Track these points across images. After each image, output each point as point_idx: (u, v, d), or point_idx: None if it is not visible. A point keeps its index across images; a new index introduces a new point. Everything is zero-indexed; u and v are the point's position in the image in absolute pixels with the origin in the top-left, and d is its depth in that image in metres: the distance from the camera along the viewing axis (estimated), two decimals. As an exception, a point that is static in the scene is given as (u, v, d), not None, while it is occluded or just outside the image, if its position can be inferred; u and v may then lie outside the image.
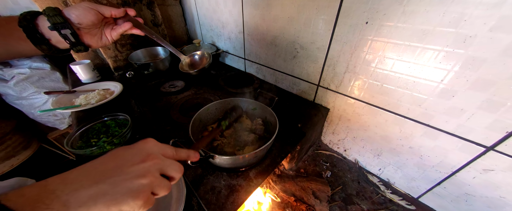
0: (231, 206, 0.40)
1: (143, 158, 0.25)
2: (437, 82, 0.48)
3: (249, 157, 0.44)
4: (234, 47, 1.09)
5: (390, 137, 0.64)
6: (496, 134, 0.44)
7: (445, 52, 0.44)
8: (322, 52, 0.68)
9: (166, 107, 0.75)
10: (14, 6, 1.10)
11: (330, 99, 0.76)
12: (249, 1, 0.82)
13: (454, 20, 0.40)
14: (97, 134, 0.57)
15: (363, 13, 0.52)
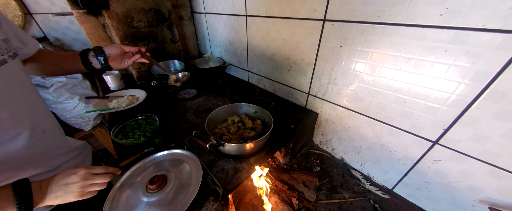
0: (236, 181, 0.55)
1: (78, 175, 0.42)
2: (393, 92, 0.63)
3: (249, 146, 0.59)
4: (239, 61, 1.27)
5: (365, 136, 0.78)
6: (437, 131, 0.58)
7: (397, 69, 0.59)
8: (310, 67, 0.84)
9: (183, 110, 0.92)
10: (51, 6, 1.32)
11: (318, 105, 0.91)
12: (252, 26, 1.01)
13: (397, 46, 0.57)
14: (131, 130, 0.73)
15: (338, 39, 0.69)
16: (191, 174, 0.57)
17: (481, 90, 0.47)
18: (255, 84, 1.24)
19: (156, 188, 0.51)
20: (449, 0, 0.45)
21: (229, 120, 0.78)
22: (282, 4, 0.81)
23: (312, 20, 0.73)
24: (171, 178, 0.55)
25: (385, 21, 0.56)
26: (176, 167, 0.59)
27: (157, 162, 0.62)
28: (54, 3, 1.35)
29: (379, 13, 0.56)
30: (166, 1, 1.18)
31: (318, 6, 0.69)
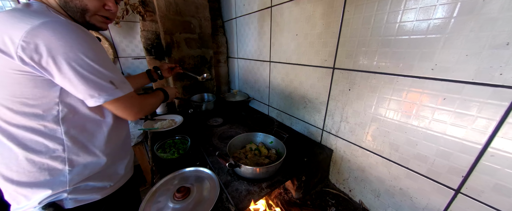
0: (247, 202, 0.60)
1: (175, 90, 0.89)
2: (403, 133, 0.66)
3: (262, 170, 0.66)
4: (261, 96, 1.46)
5: (382, 178, 0.76)
6: (456, 178, 0.56)
7: (403, 112, 0.65)
8: (323, 105, 0.94)
9: (210, 135, 1.07)
10: (131, 52, 1.81)
11: (332, 142, 0.95)
12: (274, 69, 1.22)
13: (399, 92, 0.64)
14: (169, 146, 0.89)
15: (346, 83, 0.80)
16: (210, 191, 0.65)
17: (489, 137, 0.49)
18: (274, 118, 1.36)
19: (181, 197, 0.61)
20: (435, 59, 0.54)
21: (247, 147, 0.88)
22: (299, 55, 1.00)
23: (324, 68, 0.88)
24: (194, 191, 0.65)
25: (385, 72, 0.66)
26: (199, 183, 0.69)
27: (184, 176, 0.73)
28: (134, 50, 1.89)
29: (379, 65, 0.67)
30: (210, 50, 1.54)
31: (328, 57, 0.85)
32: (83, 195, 0.54)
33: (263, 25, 1.23)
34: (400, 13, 0.59)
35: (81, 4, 0.48)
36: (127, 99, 0.53)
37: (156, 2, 1.21)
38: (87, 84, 0.45)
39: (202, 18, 1.42)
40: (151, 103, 0.67)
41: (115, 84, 0.49)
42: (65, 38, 0.41)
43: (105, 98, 0.48)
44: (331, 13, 0.79)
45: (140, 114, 0.58)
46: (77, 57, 0.43)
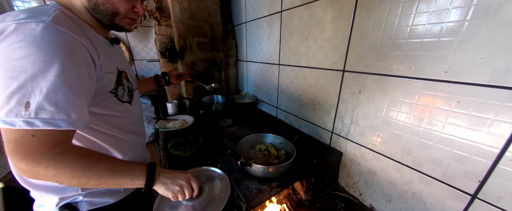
0: (258, 199, 0.61)
1: (183, 179, 0.54)
2: (416, 136, 0.65)
3: (272, 170, 0.67)
4: (270, 99, 1.48)
5: (394, 182, 0.75)
6: (473, 183, 0.55)
7: (415, 115, 0.64)
8: (333, 108, 0.94)
9: (220, 135, 1.09)
10: (146, 55, 1.89)
11: (342, 144, 0.95)
12: (283, 72, 1.24)
13: (411, 95, 0.64)
14: (181, 145, 0.93)
15: (357, 86, 0.81)
16: (221, 190, 0.67)
17: (506, 140, 0.48)
18: (283, 120, 1.37)
19: (194, 195, 0.62)
20: (449, 61, 0.54)
21: (256, 147, 0.90)
22: (308, 58, 1.02)
23: (333, 70, 0.89)
24: (206, 190, 0.66)
25: (397, 74, 0.66)
26: (210, 182, 0.71)
27: (196, 174, 0.75)
28: (148, 53, 1.98)
29: (390, 68, 0.68)
30: (220, 53, 1.59)
31: (338, 60, 0.86)
32: (98, 199, 0.55)
33: (272, 29, 1.26)
34: (412, 17, 0.59)
35: (113, 8, 0.48)
36: (24, 140, 0.35)
37: (172, 8, 1.28)
38: (3, 95, 0.34)
39: (214, 22, 1.48)
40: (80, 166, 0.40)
41: (30, 108, 0.34)
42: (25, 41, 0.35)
43: (2, 121, 0.34)
44: (341, 17, 0.80)
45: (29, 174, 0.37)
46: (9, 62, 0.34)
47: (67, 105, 0.38)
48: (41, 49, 0.35)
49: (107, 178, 0.43)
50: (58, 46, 0.37)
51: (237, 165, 0.80)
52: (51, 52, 0.36)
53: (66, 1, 0.47)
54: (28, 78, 0.35)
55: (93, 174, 0.41)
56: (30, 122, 0.35)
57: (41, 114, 0.36)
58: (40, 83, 0.35)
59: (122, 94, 0.55)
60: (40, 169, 0.37)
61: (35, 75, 0.35)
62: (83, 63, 0.42)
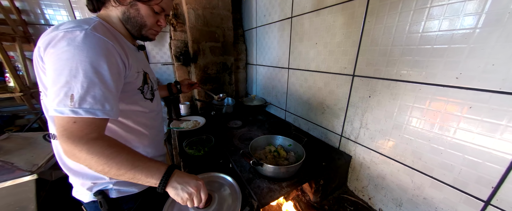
0: (269, 198, 0.64)
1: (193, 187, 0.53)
2: (427, 141, 0.66)
3: (283, 170, 0.70)
4: (278, 102, 1.51)
5: (404, 186, 0.75)
6: (486, 189, 0.55)
7: (426, 120, 0.65)
8: (342, 111, 0.96)
9: (230, 136, 1.14)
10: (160, 59, 1.99)
11: (351, 148, 0.96)
12: (293, 76, 1.27)
13: (422, 100, 0.65)
14: (195, 144, 0.98)
15: (367, 91, 0.82)
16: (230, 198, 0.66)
17: (520, 147, 0.48)
18: (291, 123, 1.39)
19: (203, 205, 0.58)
20: (460, 68, 0.55)
21: (266, 148, 0.93)
22: (318, 62, 1.04)
23: (343, 75, 0.91)
24: (215, 199, 0.64)
25: (407, 79, 0.68)
26: (220, 191, 0.69)
27: (209, 181, 0.74)
28: (162, 57, 2.08)
29: (400, 73, 0.69)
30: (231, 57, 1.65)
31: (347, 65, 0.88)
32: (125, 188, 0.63)
33: (283, 34, 1.30)
34: (422, 24, 0.61)
35: (141, 21, 0.57)
36: (69, 125, 0.42)
37: (187, 15, 1.35)
38: (51, 87, 0.43)
39: (226, 28, 1.54)
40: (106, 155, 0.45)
41: (74, 100, 0.42)
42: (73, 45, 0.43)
43: (52, 109, 0.42)
44: (351, 24, 0.83)
45: (72, 155, 0.44)
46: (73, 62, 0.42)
47: (102, 98, 0.45)
48: (82, 51, 0.43)
49: (126, 170, 0.46)
50: (95, 49, 0.45)
51: (248, 165, 0.84)
52: (90, 54, 0.44)
53: (105, 15, 0.57)
54: (73, 75, 0.42)
55: (114, 164, 0.45)
56: (75, 111, 0.43)
57: (83, 105, 0.43)
58: (82, 79, 0.43)
59: (146, 92, 0.64)
60: (76, 151, 0.43)
61: (78, 73, 0.43)
62: (115, 64, 0.49)
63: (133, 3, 0.55)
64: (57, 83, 0.42)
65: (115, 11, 0.56)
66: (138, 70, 0.60)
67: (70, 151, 0.44)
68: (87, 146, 0.44)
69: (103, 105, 0.45)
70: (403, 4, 0.64)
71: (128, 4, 0.55)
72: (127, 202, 0.65)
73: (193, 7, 1.35)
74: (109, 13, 0.57)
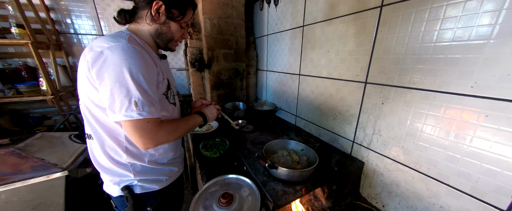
0: (284, 200, 0.66)
1: (215, 111, 0.85)
2: (442, 149, 0.66)
3: (297, 174, 0.72)
4: (289, 107, 1.53)
5: (420, 194, 0.75)
6: (505, 198, 0.54)
7: (441, 128, 0.66)
8: (354, 118, 0.97)
9: (243, 140, 1.17)
10: (175, 64, 2.09)
11: (364, 154, 0.96)
12: (304, 82, 1.30)
13: (436, 108, 0.66)
14: (210, 147, 1.03)
15: (380, 98, 0.84)
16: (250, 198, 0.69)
17: (540, 157, 0.48)
18: (302, 128, 1.41)
19: (225, 203, 0.66)
20: (475, 77, 0.56)
21: (279, 152, 0.95)
22: (329, 69, 1.07)
23: (355, 82, 0.93)
24: (236, 198, 0.68)
25: (421, 87, 0.69)
26: (240, 192, 0.73)
27: (226, 182, 0.79)
28: (177, 62, 2.20)
29: (414, 81, 0.71)
30: (243, 63, 1.71)
31: (360, 73, 0.90)
32: (147, 185, 0.68)
33: (294, 42, 1.34)
34: (436, 34, 0.63)
35: (171, 36, 0.67)
36: (141, 125, 0.53)
37: (204, 24, 1.44)
38: (112, 97, 0.51)
39: (239, 36, 1.61)
40: (173, 131, 0.61)
41: (138, 105, 0.52)
42: (118, 56, 0.51)
43: (122, 115, 0.51)
44: (363, 33, 0.86)
45: (149, 144, 0.56)
46: (121, 72, 0.51)
47: (154, 101, 0.56)
48: (125, 64, 0.51)
49: (186, 129, 0.68)
50: (138, 61, 0.53)
51: (262, 168, 0.87)
52: (135, 65, 0.52)
53: (135, 28, 0.64)
54: (130, 85, 0.52)
55: (180, 130, 0.65)
56: (141, 113, 0.53)
57: (144, 108, 0.53)
58: (137, 88, 0.52)
59: (170, 97, 0.70)
60: (159, 137, 0.57)
61: (133, 83, 0.52)
62: (152, 72, 0.58)
63: (166, 22, 0.63)
64: (121, 93, 0.51)
65: (147, 27, 0.64)
66: (164, 76, 0.67)
67: (155, 141, 0.56)
68: (163, 130, 0.58)
69: (155, 107, 0.56)
70: (416, 15, 0.67)
71: (163, 22, 0.63)
72: (149, 198, 0.70)
73: (209, 16, 1.43)
74: (140, 27, 0.64)
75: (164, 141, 0.59)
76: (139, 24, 0.64)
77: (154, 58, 0.63)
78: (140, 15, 0.63)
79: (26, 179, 0.90)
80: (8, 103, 1.51)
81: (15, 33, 1.32)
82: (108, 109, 0.53)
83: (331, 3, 1.00)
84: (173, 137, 0.62)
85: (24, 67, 1.58)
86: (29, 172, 0.92)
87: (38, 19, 1.50)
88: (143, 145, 0.56)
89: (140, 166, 0.67)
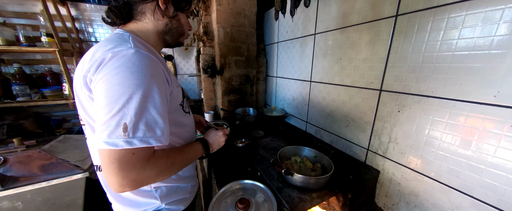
0: (301, 207, 0.66)
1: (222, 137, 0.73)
2: (465, 159, 0.65)
3: (313, 181, 0.72)
4: (299, 113, 1.54)
5: (441, 205, 0.72)
6: (537, 212, 0.52)
7: (463, 138, 0.65)
8: (369, 125, 0.97)
9: (255, 145, 1.19)
10: (187, 70, 2.16)
11: (379, 162, 0.95)
12: (315, 88, 1.31)
13: (456, 117, 0.65)
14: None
15: (395, 105, 0.83)
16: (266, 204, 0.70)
17: None
18: (313, 134, 1.41)
19: (243, 208, 0.66)
20: (497, 86, 0.56)
21: (292, 159, 0.96)
22: (342, 77, 1.08)
23: (369, 89, 0.93)
24: (253, 203, 0.69)
25: (439, 96, 0.69)
26: (254, 196, 0.73)
27: (241, 187, 0.80)
28: (188, 69, 2.27)
29: (432, 90, 0.70)
30: (253, 69, 1.75)
31: (374, 80, 0.91)
32: (174, 207, 0.64)
33: (305, 49, 1.37)
34: (455, 43, 0.63)
35: (182, 30, 0.60)
36: (121, 156, 0.38)
37: (217, 32, 1.50)
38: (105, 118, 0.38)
39: (250, 43, 1.66)
40: (165, 169, 0.46)
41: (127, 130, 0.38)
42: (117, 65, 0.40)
43: (101, 143, 0.37)
44: (377, 41, 0.87)
45: (127, 187, 0.40)
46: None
47: (153, 123, 0.41)
48: (132, 73, 0.40)
49: (183, 165, 0.54)
50: (145, 69, 0.41)
51: (276, 174, 0.87)
52: (140, 75, 0.40)
53: (136, 28, 0.53)
54: (125, 101, 0.38)
55: (175, 168, 0.50)
56: (129, 141, 0.38)
57: (136, 133, 0.39)
58: (134, 105, 0.39)
59: (185, 106, 0.64)
60: (144, 179, 0.41)
61: (130, 98, 0.38)
62: (162, 82, 0.46)
63: (175, 14, 0.55)
64: (109, 111, 0.38)
65: (153, 24, 0.53)
66: (177, 84, 0.59)
67: (136, 183, 0.40)
68: (151, 168, 0.42)
69: (155, 132, 0.41)
70: (433, 24, 0.68)
71: (173, 16, 0.54)
72: None
73: (223, 25, 1.49)
74: (143, 26, 0.53)
75: (149, 182, 0.43)
76: (139, 21, 0.52)
77: (163, 63, 0.53)
78: (140, 10, 0.51)
79: (50, 179, 0.95)
80: (33, 106, 1.61)
81: (45, 42, 1.43)
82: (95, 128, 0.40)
83: (344, 12, 1.02)
84: (163, 177, 0.46)
85: (49, 72, 1.68)
86: (53, 173, 0.97)
87: (64, 29, 1.62)
88: (118, 185, 0.39)
89: (165, 188, 0.60)
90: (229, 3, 1.46)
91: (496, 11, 0.54)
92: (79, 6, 1.76)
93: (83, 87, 0.44)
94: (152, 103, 0.41)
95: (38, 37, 1.46)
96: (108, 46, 0.43)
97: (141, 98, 0.40)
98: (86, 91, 0.44)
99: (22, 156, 0.98)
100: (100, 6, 1.83)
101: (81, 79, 0.44)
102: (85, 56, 0.46)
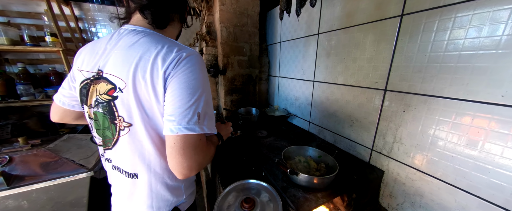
0: (307, 207, 0.66)
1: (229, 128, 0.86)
2: (471, 159, 0.64)
3: (318, 181, 0.72)
4: (302, 113, 1.54)
5: (447, 206, 0.72)
6: (545, 213, 0.52)
7: (469, 138, 0.64)
8: (373, 125, 0.96)
9: (258, 145, 1.19)
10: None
11: (383, 162, 0.94)
12: (318, 88, 1.31)
13: (463, 117, 0.64)
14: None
15: (401, 105, 0.83)
16: (271, 203, 0.70)
17: None
18: (316, 134, 1.40)
19: (248, 208, 0.67)
20: (505, 86, 0.55)
21: (296, 158, 0.95)
22: (346, 76, 1.08)
23: (374, 89, 0.93)
24: (258, 203, 0.70)
25: (446, 96, 0.68)
26: (258, 196, 0.74)
27: (246, 187, 0.80)
28: (191, 68, 2.27)
29: (438, 89, 0.70)
30: (256, 69, 1.75)
31: (379, 80, 0.90)
32: (191, 198, 0.71)
33: (308, 49, 1.37)
34: (461, 43, 0.63)
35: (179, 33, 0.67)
36: (194, 141, 0.45)
37: (220, 32, 1.50)
38: (184, 107, 0.44)
39: (253, 43, 1.66)
40: (211, 155, 0.55)
41: (200, 117, 0.45)
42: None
43: (181, 128, 0.43)
44: (382, 41, 0.86)
45: (194, 170, 0.46)
46: None
47: (212, 115, 0.51)
48: (202, 71, 0.48)
49: (212, 154, 0.58)
50: (205, 70, 0.51)
51: (280, 174, 0.87)
52: (206, 74, 0.50)
53: (170, 33, 0.60)
54: (200, 94, 0.46)
55: (211, 151, 0.57)
56: (202, 128, 0.45)
57: (205, 122, 0.47)
58: (204, 98, 0.47)
59: None
60: (204, 163, 0.48)
61: (203, 92, 0.47)
62: None
63: None
64: (188, 101, 0.44)
65: (176, 30, 0.62)
66: None
67: (201, 164, 0.47)
68: (207, 154, 0.50)
69: (213, 122, 0.50)
70: (439, 24, 0.67)
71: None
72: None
73: (226, 25, 1.49)
74: (172, 31, 0.60)
75: (203, 167, 0.49)
76: (170, 27, 0.58)
77: None
78: (171, 17, 0.57)
79: (55, 178, 0.95)
80: (37, 105, 1.61)
81: (49, 41, 1.43)
82: (167, 117, 0.44)
83: (348, 12, 1.02)
84: (208, 163, 0.60)
85: (52, 72, 1.69)
86: (58, 172, 0.97)
87: (68, 28, 1.63)
88: (188, 169, 0.45)
89: (187, 180, 0.65)
90: (232, 3, 1.47)
91: (504, 11, 0.54)
92: (83, 6, 1.77)
93: (159, 83, 0.45)
94: (210, 98, 0.51)
95: (42, 36, 1.47)
96: (173, 46, 0.47)
97: (206, 93, 0.48)
98: (161, 85, 0.45)
99: (27, 155, 0.98)
100: (103, 6, 1.84)
101: (153, 76, 0.45)
102: (160, 56, 0.45)
